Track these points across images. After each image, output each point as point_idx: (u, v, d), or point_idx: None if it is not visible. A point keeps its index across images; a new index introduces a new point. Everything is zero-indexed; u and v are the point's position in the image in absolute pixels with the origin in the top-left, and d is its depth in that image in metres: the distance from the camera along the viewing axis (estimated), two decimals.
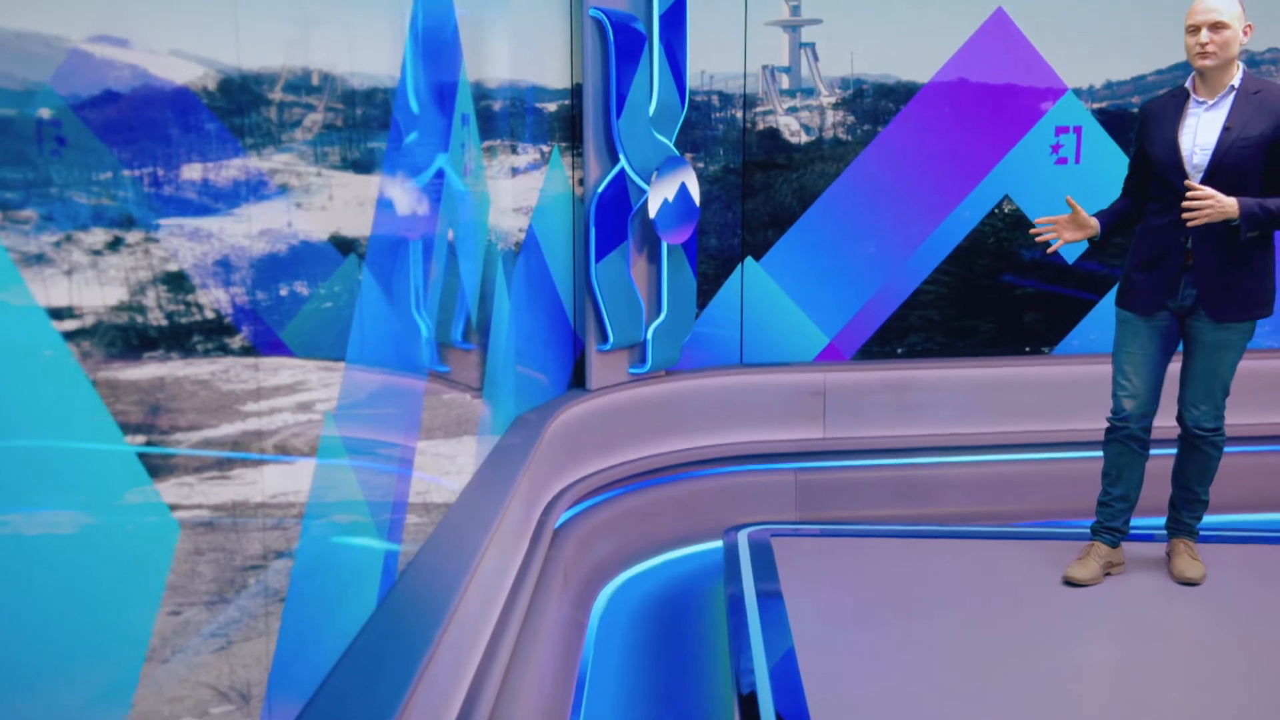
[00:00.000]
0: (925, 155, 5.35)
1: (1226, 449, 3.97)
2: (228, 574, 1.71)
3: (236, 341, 1.80)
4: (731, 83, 5.25)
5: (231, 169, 1.79)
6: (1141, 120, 3.91)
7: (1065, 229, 3.87)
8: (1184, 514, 4.03)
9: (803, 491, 5.18)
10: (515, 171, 4.15)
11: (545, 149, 4.51)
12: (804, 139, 5.33)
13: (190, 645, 1.58)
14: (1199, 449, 3.93)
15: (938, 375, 5.37)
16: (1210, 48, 3.65)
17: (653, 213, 4.74)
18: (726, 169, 5.28)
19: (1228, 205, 3.58)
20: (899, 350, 5.47)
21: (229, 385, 1.77)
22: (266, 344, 1.94)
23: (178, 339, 1.62)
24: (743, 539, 4.43)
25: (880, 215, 5.37)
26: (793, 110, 5.33)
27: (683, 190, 4.86)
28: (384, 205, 2.57)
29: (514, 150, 4.11)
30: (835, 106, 5.33)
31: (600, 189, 4.65)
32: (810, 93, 5.33)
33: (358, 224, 2.39)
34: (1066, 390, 5.30)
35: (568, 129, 4.69)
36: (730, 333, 5.38)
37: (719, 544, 4.58)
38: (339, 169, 2.31)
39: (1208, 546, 4.12)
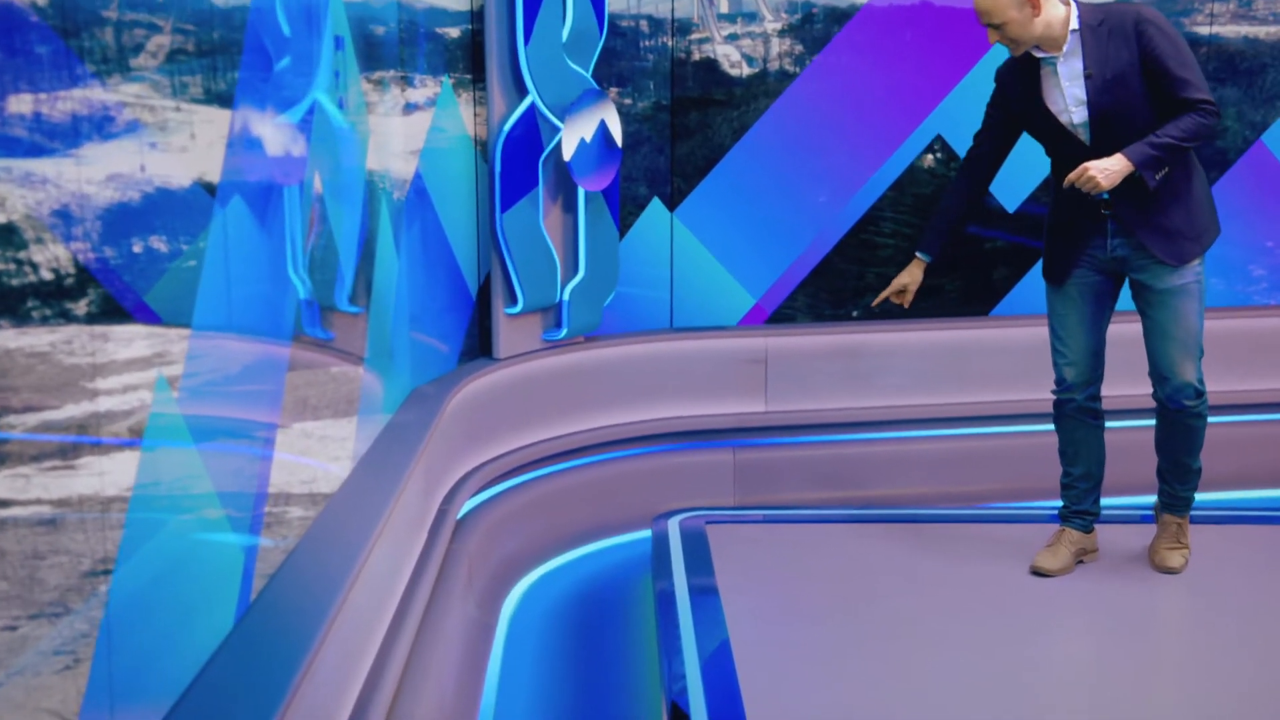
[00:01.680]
0: (862, 90, 5.34)
1: (1225, 419, 4.02)
2: (31, 579, 1.66)
3: (80, 307, 1.77)
4: (661, 6, 5.23)
5: (72, 100, 1.75)
6: (999, 89, 4.00)
7: (905, 292, 4.19)
8: (1177, 487, 4.05)
9: (741, 473, 5.22)
10: (410, 107, 4.11)
11: (441, 81, 4.46)
12: (745, 71, 5.33)
13: None
14: (1180, 423, 3.97)
15: (894, 339, 5.42)
16: (1003, 43, 3.75)
17: (567, 155, 4.72)
18: (656, 106, 5.26)
19: (1112, 166, 3.65)
20: (854, 313, 5.51)
21: (71, 359, 1.74)
22: (131, 308, 1.90)
23: (6, 304, 1.58)
24: (674, 527, 4.46)
25: (812, 159, 5.36)
26: (732, 38, 5.33)
27: (602, 128, 4.84)
28: (248, 145, 2.53)
29: (404, 82, 4.06)
30: (781, 34, 5.34)
31: (507, 127, 4.62)
32: (752, 18, 5.33)
33: (219, 166, 2.36)
34: (1037, 355, 5.32)
35: (469, 58, 4.65)
36: (659, 293, 5.38)
37: (647, 534, 4.60)
38: (202, 103, 2.27)
39: (1195, 527, 4.17)
